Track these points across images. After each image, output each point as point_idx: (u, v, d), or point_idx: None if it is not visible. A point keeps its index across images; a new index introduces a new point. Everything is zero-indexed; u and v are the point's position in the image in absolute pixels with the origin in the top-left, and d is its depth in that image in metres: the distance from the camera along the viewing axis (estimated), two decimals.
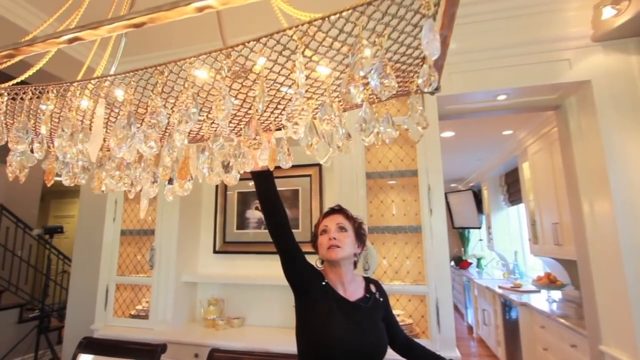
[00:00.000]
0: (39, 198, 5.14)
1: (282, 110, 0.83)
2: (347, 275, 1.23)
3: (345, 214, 1.30)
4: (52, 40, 0.62)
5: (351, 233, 1.24)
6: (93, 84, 0.66)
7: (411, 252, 2.04)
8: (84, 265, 2.93)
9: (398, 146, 2.18)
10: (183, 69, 0.59)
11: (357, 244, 1.26)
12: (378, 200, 2.17)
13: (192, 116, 0.56)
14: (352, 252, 1.23)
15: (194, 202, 2.71)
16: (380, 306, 1.26)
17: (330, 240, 1.20)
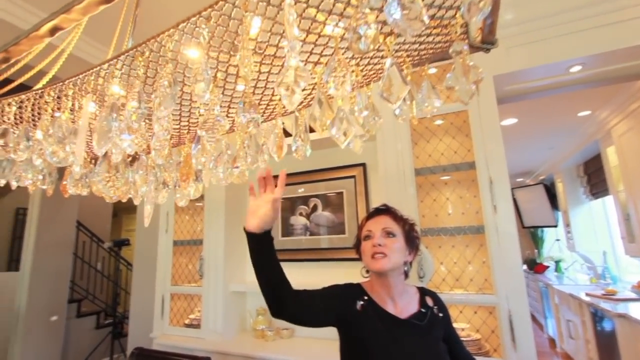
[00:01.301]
0: (111, 214, 5.64)
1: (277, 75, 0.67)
2: (397, 287, 1.05)
3: (393, 215, 1.11)
4: (33, 34, 0.56)
5: (400, 238, 1.06)
6: (81, 79, 0.60)
7: (474, 256, 1.77)
8: (143, 276, 3.08)
9: (450, 136, 1.94)
10: (163, 44, 0.50)
11: (408, 251, 1.07)
12: (430, 199, 1.93)
13: (171, 96, 0.45)
14: (401, 260, 1.04)
15: (239, 210, 2.70)
16: (440, 323, 1.06)
17: (375, 247, 1.03)
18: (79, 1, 0.49)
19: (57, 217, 3.90)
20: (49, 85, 0.64)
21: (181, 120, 0.71)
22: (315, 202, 2.52)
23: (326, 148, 2.54)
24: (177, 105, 0.65)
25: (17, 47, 0.60)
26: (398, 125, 1.97)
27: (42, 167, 0.70)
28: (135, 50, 0.52)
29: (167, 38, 0.49)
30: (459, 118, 1.93)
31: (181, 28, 0.48)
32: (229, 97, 0.66)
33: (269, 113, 0.76)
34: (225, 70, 0.57)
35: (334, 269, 2.38)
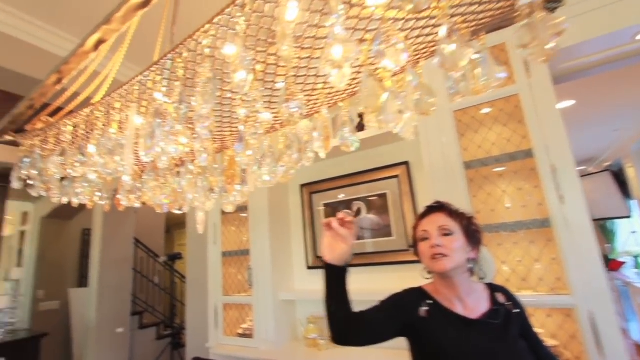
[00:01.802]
0: (164, 230, 5.97)
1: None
2: (463, 286, 0.99)
3: (448, 211, 1.06)
4: (80, 50, 0.57)
5: (459, 236, 1.00)
6: (126, 90, 0.61)
7: (540, 252, 1.60)
8: (196, 287, 3.19)
9: (500, 124, 1.79)
10: (199, 42, 0.48)
11: (470, 247, 1.00)
12: (484, 193, 1.79)
13: (211, 91, 0.43)
14: (464, 258, 0.98)
15: (283, 218, 2.71)
16: (516, 319, 0.97)
17: (434, 248, 0.98)
18: (117, 9, 0.49)
19: (117, 235, 4.20)
20: (98, 102, 0.66)
21: (223, 121, 0.70)
22: (358, 205, 2.46)
23: (366, 149, 2.48)
24: (218, 106, 0.64)
25: (67, 65, 0.62)
26: (441, 117, 1.86)
27: (97, 182, 0.73)
28: (173, 53, 0.51)
29: (203, 35, 0.47)
30: (509, 104, 1.79)
31: (217, 22, 0.46)
32: (269, 90, 0.63)
33: (311, 106, 0.73)
34: (264, 62, 0.55)
35: (381, 273, 2.28)
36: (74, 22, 2.16)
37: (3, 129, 0.82)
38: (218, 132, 0.74)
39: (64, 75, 0.65)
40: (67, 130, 0.75)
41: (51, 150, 0.78)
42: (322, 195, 2.64)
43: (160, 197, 0.67)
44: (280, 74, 0.58)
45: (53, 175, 0.76)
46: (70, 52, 0.60)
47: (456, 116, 1.86)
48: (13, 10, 2.18)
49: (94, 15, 0.96)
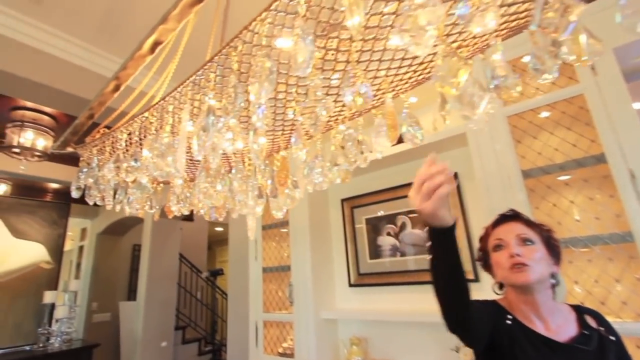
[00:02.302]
0: (206, 246, 6.15)
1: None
2: (546, 304, 0.88)
3: (526, 221, 0.97)
4: (137, 54, 0.57)
5: (540, 246, 0.91)
6: (179, 92, 0.60)
7: (622, 271, 1.40)
8: (237, 304, 3.19)
9: (563, 128, 1.63)
10: (256, 32, 0.46)
11: (551, 260, 0.91)
12: (548, 204, 1.62)
13: (268, 79, 0.40)
14: (547, 271, 0.88)
15: (324, 234, 2.65)
16: (612, 348, 0.83)
17: (513, 257, 0.88)
18: (173, 7, 0.48)
19: (164, 250, 4.36)
20: (152, 107, 0.66)
21: (275, 120, 0.67)
22: (403, 219, 2.34)
23: (409, 161, 2.38)
24: (271, 101, 0.61)
25: (125, 71, 0.63)
26: (493, 124, 1.74)
27: (149, 188, 0.73)
28: (228, 47, 0.49)
29: (260, 23, 0.44)
30: (572, 105, 1.63)
31: (274, 7, 0.43)
32: (327, 80, 0.59)
33: (373, 94, 0.68)
34: (324, 47, 0.51)
35: (427, 293, 2.11)
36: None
37: (65, 140, 0.86)
38: (270, 132, 0.71)
39: (122, 81, 0.66)
40: (123, 138, 0.77)
41: (107, 159, 0.80)
42: (363, 210, 2.56)
43: (210, 200, 0.65)
44: (341, 60, 0.54)
45: (108, 183, 0.77)
46: (128, 57, 0.61)
47: (510, 122, 1.73)
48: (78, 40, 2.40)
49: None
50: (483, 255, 1.01)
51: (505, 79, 0.43)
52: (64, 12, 2.26)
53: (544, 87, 1.74)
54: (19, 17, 2.28)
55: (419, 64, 0.56)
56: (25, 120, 3.37)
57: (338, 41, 0.48)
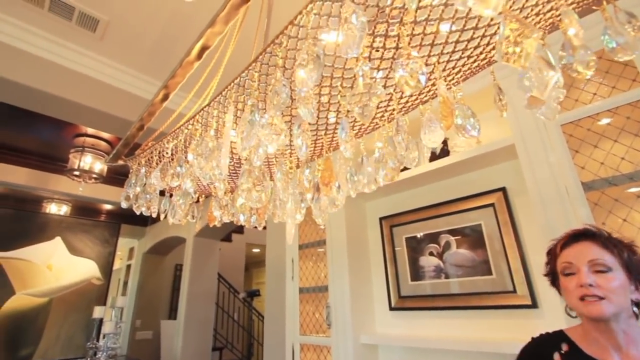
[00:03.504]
0: (243, 267, 6.22)
1: None
2: (625, 335, 0.79)
3: (602, 241, 0.85)
4: (185, 60, 0.59)
5: (619, 272, 0.80)
6: (223, 95, 0.60)
7: None
8: (274, 325, 3.13)
9: (630, 135, 1.47)
10: (302, 25, 0.45)
11: (634, 286, 0.81)
12: (616, 220, 1.44)
13: (316, 62, 0.38)
14: (626, 301, 0.79)
15: (362, 254, 2.56)
16: None
17: (583, 287, 0.80)
18: (221, 9, 0.49)
19: (203, 270, 4.46)
20: (197, 112, 0.68)
21: (318, 121, 0.65)
22: (447, 238, 2.20)
23: (452, 177, 2.27)
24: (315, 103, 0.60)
25: (174, 79, 0.65)
26: (545, 133, 1.62)
27: (193, 195, 0.74)
28: (273, 44, 0.49)
29: (306, 15, 0.44)
30: (638, 110, 1.48)
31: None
32: (375, 70, 0.57)
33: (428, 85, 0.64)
34: (371, 33, 0.49)
35: (476, 319, 1.94)
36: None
37: (117, 152, 0.91)
38: (313, 131, 0.70)
39: (171, 90, 0.69)
40: (169, 147, 0.80)
41: (154, 168, 0.82)
42: (403, 229, 2.45)
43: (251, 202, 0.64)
44: (390, 47, 0.51)
45: (155, 191, 0.80)
46: (177, 64, 0.63)
47: (565, 130, 1.60)
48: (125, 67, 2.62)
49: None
50: (551, 274, 0.91)
51: (579, 54, 0.38)
52: (120, 45, 2.49)
53: (602, 92, 1.60)
54: (82, 52, 2.54)
55: (474, 47, 0.52)
56: (86, 145, 3.70)
57: (387, 25, 0.46)
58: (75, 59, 2.53)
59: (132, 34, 2.37)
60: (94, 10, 2.15)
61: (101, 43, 2.45)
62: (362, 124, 0.54)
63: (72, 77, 2.54)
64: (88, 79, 2.61)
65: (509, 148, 1.82)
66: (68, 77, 2.52)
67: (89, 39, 2.40)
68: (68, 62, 2.52)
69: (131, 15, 2.22)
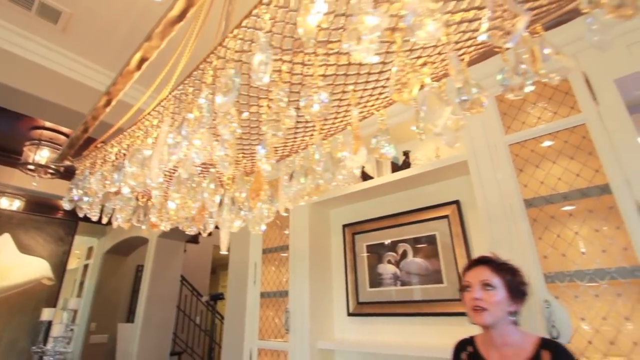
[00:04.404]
0: (209, 270, 6.09)
1: None
2: (502, 337, 1.06)
3: (493, 266, 1.12)
4: (125, 70, 0.60)
5: (502, 291, 1.07)
6: (163, 106, 0.62)
7: (632, 309, 1.31)
8: (234, 330, 3.10)
9: (567, 157, 1.60)
10: (228, 47, 0.47)
11: (512, 302, 1.07)
12: (552, 235, 1.56)
13: (234, 84, 0.41)
14: (503, 313, 1.05)
15: (324, 260, 2.60)
16: None
17: (473, 300, 1.07)
18: (156, 26, 0.51)
19: (165, 271, 4.34)
20: (138, 120, 0.69)
21: (251, 140, 0.68)
22: (404, 247, 2.28)
23: (412, 188, 2.36)
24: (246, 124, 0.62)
25: (115, 86, 0.65)
26: (495, 152, 1.73)
27: (133, 200, 0.74)
28: (204, 62, 0.51)
29: (232, 40, 0.46)
30: (574, 135, 1.61)
31: (244, 24, 0.45)
32: (296, 93, 0.60)
33: (343, 112, 0.68)
34: (290, 61, 0.52)
35: (429, 325, 2.03)
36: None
37: (62, 153, 0.89)
38: (248, 152, 0.72)
39: (113, 96, 0.69)
40: (113, 152, 0.79)
41: (97, 170, 0.82)
42: (365, 237, 2.51)
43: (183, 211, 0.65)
44: (308, 74, 0.55)
45: (96, 194, 0.79)
46: (117, 73, 0.64)
47: (512, 150, 1.72)
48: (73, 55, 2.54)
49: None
50: (460, 290, 1.15)
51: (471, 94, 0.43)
52: (83, 39, 2.41)
53: (545, 117, 1.73)
54: (43, 44, 2.44)
55: (386, 79, 0.57)
56: (43, 139, 3.51)
57: (303, 55, 0.49)
58: (35, 50, 2.42)
59: (96, 29, 2.30)
60: (55, 1, 2.07)
61: (63, 35, 2.36)
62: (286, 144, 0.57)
63: (31, 69, 2.43)
64: (48, 72, 2.50)
65: (463, 164, 1.92)
66: (27, 68, 2.40)
67: (50, 30, 2.31)
68: (27, 53, 2.40)
69: (95, 9, 2.16)
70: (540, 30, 0.51)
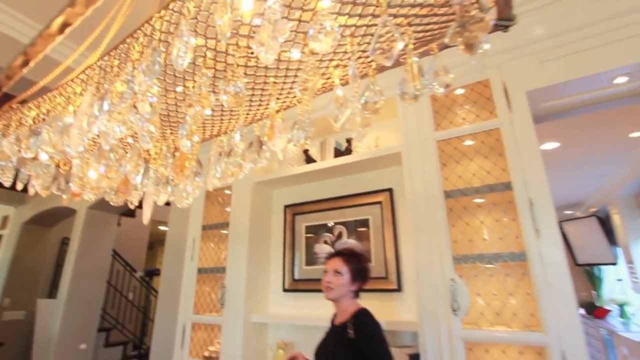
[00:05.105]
0: (146, 245, 5.83)
1: None
2: (342, 307, 1.48)
3: (344, 258, 1.51)
4: (46, 32, 0.58)
5: (347, 276, 1.46)
6: (87, 75, 0.61)
7: (516, 286, 1.57)
8: (168, 305, 3.06)
9: (482, 156, 1.82)
10: (155, 26, 0.49)
11: (354, 283, 1.47)
12: (463, 223, 1.78)
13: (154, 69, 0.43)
14: (345, 291, 1.46)
15: (264, 238, 2.66)
16: (345, 338, 1.34)
17: (325, 282, 1.49)
18: None
19: (95, 245, 4.08)
20: (60, 85, 0.66)
21: (178, 119, 0.70)
22: (340, 229, 2.43)
23: (352, 174, 2.49)
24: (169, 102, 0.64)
25: (33, 48, 0.62)
26: (425, 147, 1.89)
27: (52, 167, 0.72)
28: (131, 37, 0.52)
29: (159, 19, 0.48)
30: (490, 137, 1.82)
31: (171, 7, 0.47)
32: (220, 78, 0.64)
33: (265, 101, 0.72)
34: (214, 49, 0.55)
35: (361, 300, 2.21)
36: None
37: None
38: (175, 124, 0.74)
39: (31, 57, 0.65)
40: (30, 115, 0.75)
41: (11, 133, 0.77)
42: (304, 217, 2.61)
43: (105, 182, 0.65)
44: (230, 62, 0.59)
45: (9, 158, 0.74)
46: (37, 34, 0.61)
47: (439, 146, 1.89)
48: None
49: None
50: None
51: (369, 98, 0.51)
52: None
53: (470, 118, 1.93)
54: None
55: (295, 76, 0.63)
56: None
57: (226, 45, 0.53)
58: None
59: None
60: None
61: None
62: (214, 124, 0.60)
63: None
64: None
65: (397, 155, 2.07)
66: None
67: None
68: None
69: None
70: (435, 49, 0.60)
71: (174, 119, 0.71)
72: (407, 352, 1.75)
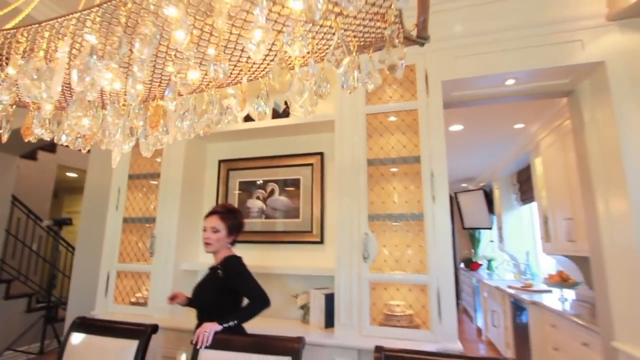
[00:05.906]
0: (51, 192, 5.25)
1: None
2: (218, 255, 1.71)
3: (221, 216, 1.69)
4: None
5: (223, 232, 1.67)
6: (60, 23, 0.64)
7: (413, 240, 1.97)
8: (87, 257, 2.96)
9: (401, 132, 2.12)
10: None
11: (230, 236, 1.71)
12: (379, 188, 2.11)
13: (153, 39, 0.52)
14: (222, 244, 1.69)
15: (196, 191, 2.70)
16: (216, 278, 1.64)
17: (204, 238, 1.67)
18: None
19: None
20: (23, 25, 0.67)
21: (155, 72, 0.76)
22: (272, 186, 2.60)
23: (288, 135, 2.64)
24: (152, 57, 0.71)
25: None
26: (356, 119, 2.12)
27: (7, 107, 0.72)
28: (118, 1, 0.58)
29: None
30: (409, 116, 2.13)
31: None
32: (201, 54, 0.73)
33: (235, 74, 0.83)
34: (200, 28, 0.64)
35: (287, 251, 2.48)
36: None
37: None
38: (148, 81, 0.79)
39: None
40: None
41: None
42: (239, 173, 2.72)
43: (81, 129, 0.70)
44: (213, 42, 0.68)
45: None
46: None
47: (368, 119, 2.14)
48: None
49: None
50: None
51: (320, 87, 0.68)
52: None
53: (395, 97, 2.20)
54: None
55: (272, 59, 0.76)
56: None
57: (211, 28, 0.62)
58: None
59: None
60: None
61: None
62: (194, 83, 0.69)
63: None
64: None
65: (330, 122, 2.27)
66: None
67: None
68: None
69: None
70: (370, 52, 0.78)
71: (157, 76, 0.76)
72: (324, 292, 2.08)
